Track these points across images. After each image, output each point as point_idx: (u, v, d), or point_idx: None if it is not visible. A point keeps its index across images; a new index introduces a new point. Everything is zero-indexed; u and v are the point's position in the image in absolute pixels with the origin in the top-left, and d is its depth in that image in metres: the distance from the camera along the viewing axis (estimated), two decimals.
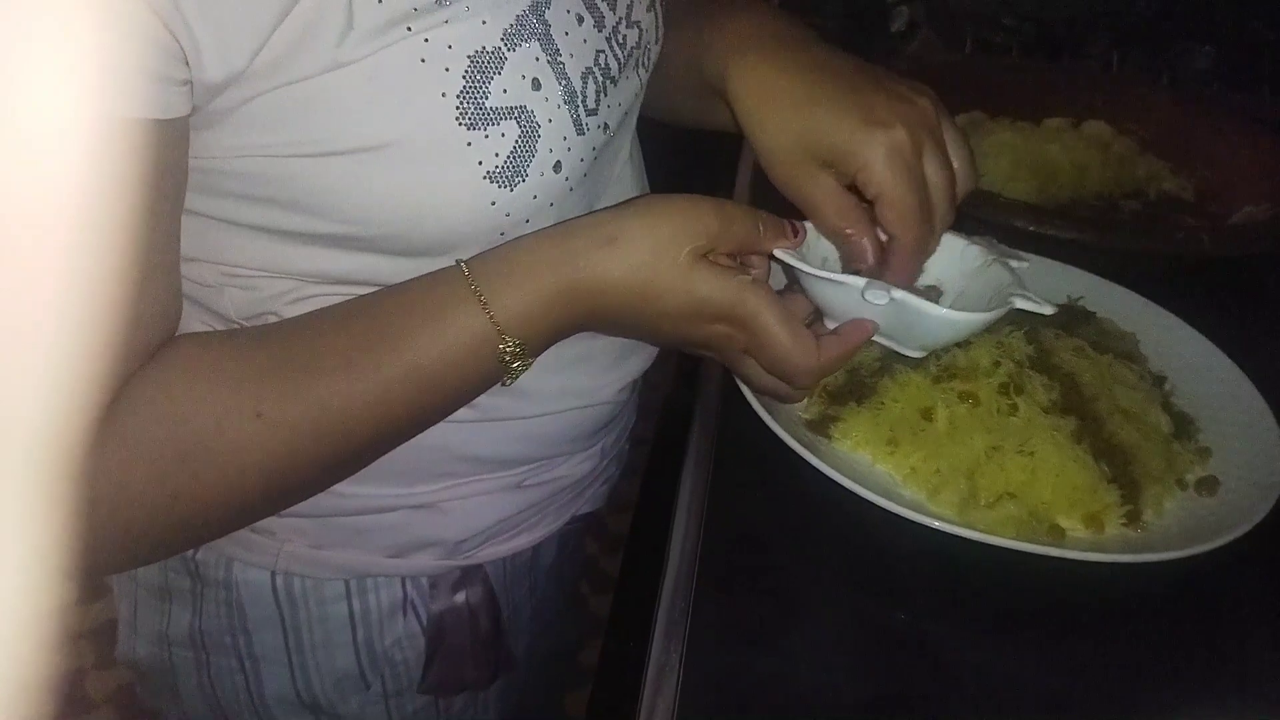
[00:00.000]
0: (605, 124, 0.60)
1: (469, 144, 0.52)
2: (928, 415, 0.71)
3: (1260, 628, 0.65)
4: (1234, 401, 0.78)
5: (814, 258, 0.64)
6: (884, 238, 0.62)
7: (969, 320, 0.60)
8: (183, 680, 0.73)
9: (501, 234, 0.56)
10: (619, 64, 0.61)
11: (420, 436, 0.57)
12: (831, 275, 0.59)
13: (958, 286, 0.67)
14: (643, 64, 0.66)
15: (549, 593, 0.87)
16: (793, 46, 0.63)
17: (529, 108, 0.53)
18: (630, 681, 0.61)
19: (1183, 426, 0.76)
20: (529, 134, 0.54)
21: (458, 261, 0.55)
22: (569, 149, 0.56)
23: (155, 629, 0.72)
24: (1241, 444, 0.74)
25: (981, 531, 0.63)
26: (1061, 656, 0.62)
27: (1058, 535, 0.65)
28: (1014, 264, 0.64)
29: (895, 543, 0.65)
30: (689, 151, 0.92)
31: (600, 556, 2.05)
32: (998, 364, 0.72)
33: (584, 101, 0.57)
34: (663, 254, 0.54)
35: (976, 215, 0.97)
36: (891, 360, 0.74)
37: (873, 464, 0.70)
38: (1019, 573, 0.63)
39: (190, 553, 0.68)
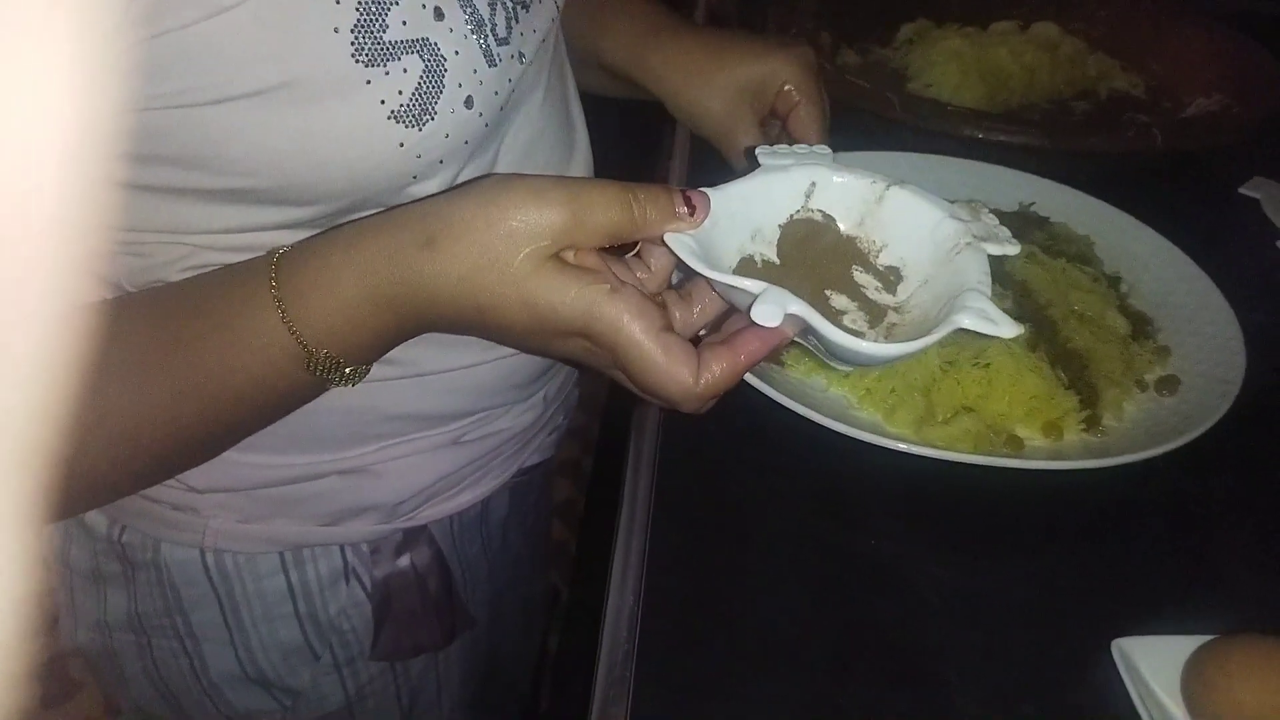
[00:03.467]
0: (520, 53, 0.56)
1: (368, 82, 0.48)
2: None
3: (1227, 525, 0.64)
4: (1192, 298, 0.77)
5: (740, 230, 0.51)
6: None
7: (881, 352, 0.46)
8: (128, 665, 0.71)
9: (414, 177, 0.52)
10: None
11: (342, 397, 0.54)
12: (723, 277, 0.46)
13: (923, 272, 0.52)
14: None
15: (508, 545, 0.85)
16: (684, 28, 0.75)
17: (432, 40, 0.49)
18: (595, 620, 0.60)
19: (1141, 326, 0.74)
20: (434, 68, 0.50)
21: (272, 253, 0.49)
22: (481, 82, 0.52)
23: (93, 615, 0.69)
24: (1201, 340, 0.73)
25: (939, 448, 0.61)
26: (1029, 568, 0.60)
27: (1016, 446, 0.64)
28: (992, 249, 0.49)
29: (854, 466, 0.63)
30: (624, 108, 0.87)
31: (578, 499, 2.04)
32: None
33: (493, 30, 0.53)
34: (491, 260, 0.45)
35: (927, 127, 0.94)
36: None
37: (827, 388, 0.68)
38: (981, 487, 0.61)
39: (116, 534, 0.65)
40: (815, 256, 0.53)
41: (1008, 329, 0.45)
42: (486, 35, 0.52)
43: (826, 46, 1.11)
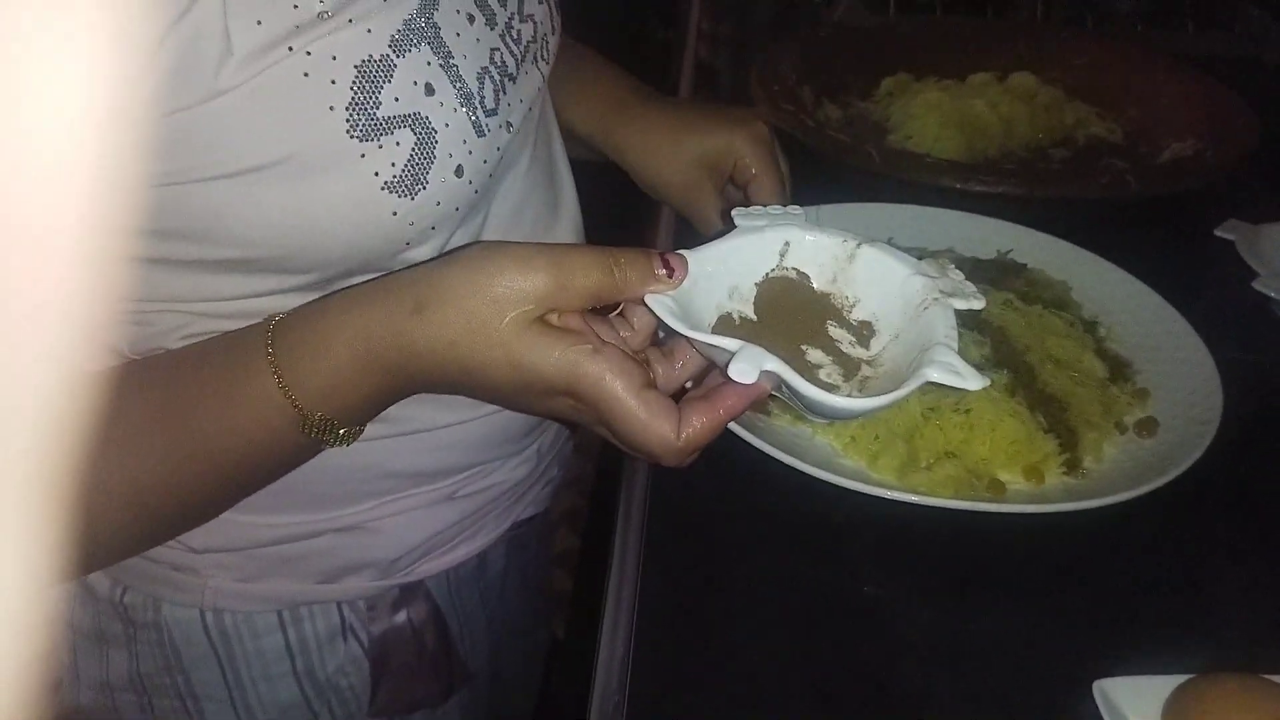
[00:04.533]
0: (507, 123, 0.59)
1: (363, 155, 0.50)
2: None
3: (1206, 564, 0.65)
4: (1169, 340, 0.78)
5: (718, 289, 0.53)
6: None
7: (853, 406, 0.48)
8: None
9: (408, 243, 0.55)
10: (516, 60, 0.60)
11: (337, 457, 0.55)
12: (701, 336, 0.48)
13: (894, 326, 0.53)
14: (541, 57, 0.65)
15: (507, 599, 0.85)
16: (644, 104, 0.80)
17: (423, 114, 0.52)
18: (590, 667, 0.61)
19: (1119, 370, 0.76)
20: (426, 140, 0.52)
21: (268, 320, 0.51)
22: (470, 152, 0.55)
23: (96, 676, 0.70)
24: (1179, 382, 0.74)
25: (921, 494, 0.63)
26: (1011, 610, 0.61)
27: (998, 490, 0.65)
28: (959, 303, 0.51)
29: (840, 512, 0.64)
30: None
31: (579, 548, 2.04)
32: None
33: (482, 102, 0.56)
34: (478, 324, 0.47)
35: (905, 178, 0.97)
36: None
37: (813, 436, 0.70)
38: (964, 530, 0.62)
39: (118, 595, 0.67)
40: (791, 313, 0.54)
41: (973, 382, 0.47)
42: (475, 108, 0.55)
43: (808, 101, 1.14)
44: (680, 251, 0.51)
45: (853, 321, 0.55)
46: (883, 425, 0.68)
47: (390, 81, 0.50)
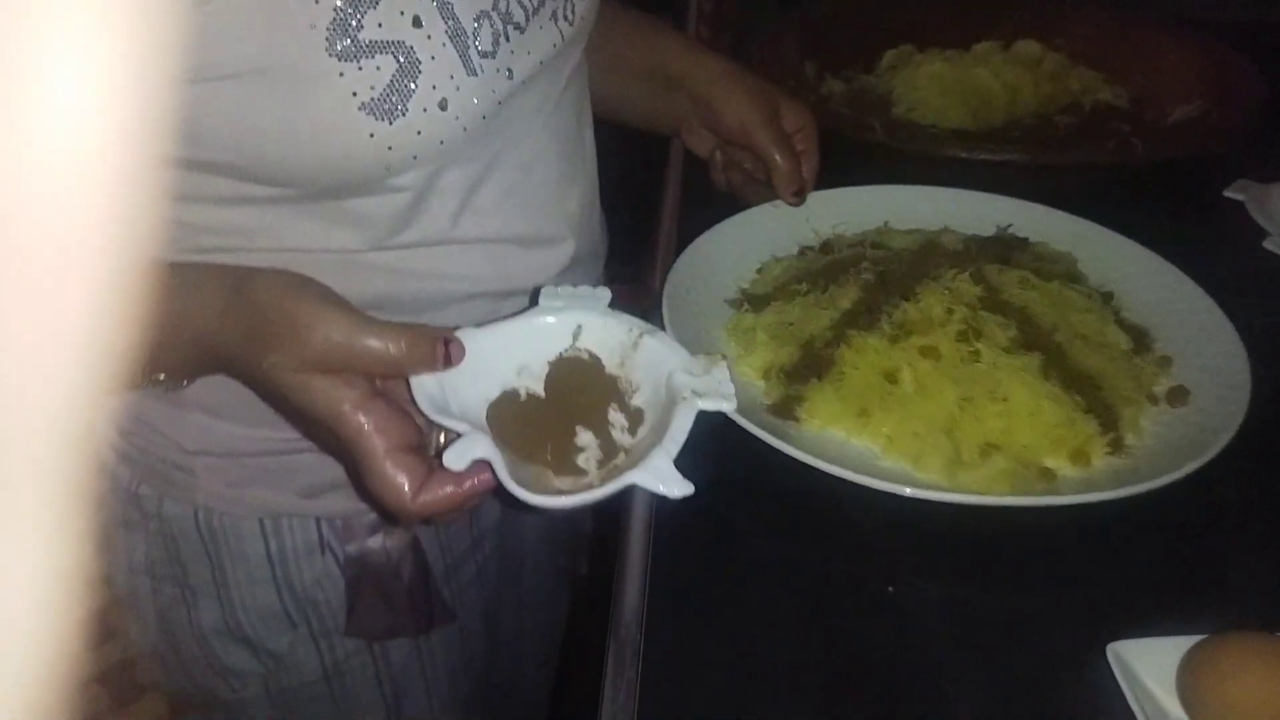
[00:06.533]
0: (508, 69, 0.60)
1: (341, 74, 0.53)
2: (892, 378, 0.68)
3: (1218, 527, 0.65)
4: (1184, 305, 0.77)
5: (506, 365, 0.56)
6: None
7: (541, 503, 0.49)
8: (143, 607, 0.76)
9: (388, 168, 0.57)
10: (526, 12, 0.61)
11: None
12: (439, 418, 0.51)
13: (653, 417, 0.55)
14: (564, 16, 0.65)
15: (511, 557, 0.88)
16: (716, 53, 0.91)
17: (408, 43, 0.54)
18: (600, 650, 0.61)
19: (1139, 339, 0.75)
20: (408, 69, 0.54)
21: None
22: (458, 88, 0.56)
23: (121, 558, 0.74)
24: (1200, 347, 0.74)
25: (976, 493, 0.61)
26: (1024, 578, 0.62)
27: (1049, 479, 0.63)
28: (707, 404, 0.53)
29: (849, 495, 0.61)
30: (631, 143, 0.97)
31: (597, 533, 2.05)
32: (950, 311, 0.70)
33: (476, 42, 0.57)
34: (259, 351, 0.51)
35: (909, 150, 0.96)
36: (845, 327, 0.72)
37: (846, 439, 0.67)
38: (1002, 525, 0.62)
39: (135, 486, 0.71)
40: (576, 393, 0.57)
41: (677, 490, 0.49)
42: (468, 46, 0.57)
43: (811, 77, 1.13)
44: (462, 333, 0.54)
45: (632, 407, 0.57)
46: (921, 420, 0.66)
47: (375, 8, 0.53)
